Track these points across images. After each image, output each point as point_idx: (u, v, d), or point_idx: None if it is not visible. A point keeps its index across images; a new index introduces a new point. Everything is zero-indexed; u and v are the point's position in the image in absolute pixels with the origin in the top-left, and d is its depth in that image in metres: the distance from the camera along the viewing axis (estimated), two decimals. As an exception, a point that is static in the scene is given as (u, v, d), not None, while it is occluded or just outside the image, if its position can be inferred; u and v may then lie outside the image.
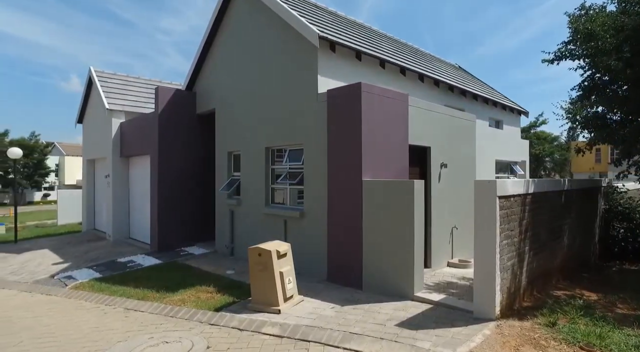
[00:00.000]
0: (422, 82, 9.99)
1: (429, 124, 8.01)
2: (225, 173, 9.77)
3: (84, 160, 15.70)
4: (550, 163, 32.25)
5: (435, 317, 4.98)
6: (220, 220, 9.92)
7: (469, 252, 8.71)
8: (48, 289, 7.76)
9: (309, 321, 5.11)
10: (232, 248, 9.43)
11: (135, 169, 12.61)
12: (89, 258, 10.27)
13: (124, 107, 12.72)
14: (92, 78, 13.47)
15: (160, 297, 6.52)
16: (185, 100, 10.77)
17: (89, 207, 15.38)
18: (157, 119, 10.29)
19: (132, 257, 9.84)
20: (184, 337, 4.89)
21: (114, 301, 6.64)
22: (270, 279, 5.52)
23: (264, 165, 8.56)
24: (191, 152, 10.88)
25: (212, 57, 10.41)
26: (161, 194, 10.31)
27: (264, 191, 8.54)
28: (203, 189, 11.06)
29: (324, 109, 7.15)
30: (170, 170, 10.46)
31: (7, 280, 8.72)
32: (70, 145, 55.59)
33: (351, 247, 6.59)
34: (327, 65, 7.56)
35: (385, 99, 6.94)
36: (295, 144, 7.88)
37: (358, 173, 6.51)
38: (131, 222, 12.81)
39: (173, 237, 10.43)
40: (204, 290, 6.75)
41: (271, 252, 5.53)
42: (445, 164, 8.40)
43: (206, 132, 11.09)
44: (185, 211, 10.71)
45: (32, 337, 5.27)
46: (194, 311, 5.78)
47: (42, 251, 11.75)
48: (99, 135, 13.75)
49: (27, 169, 38.32)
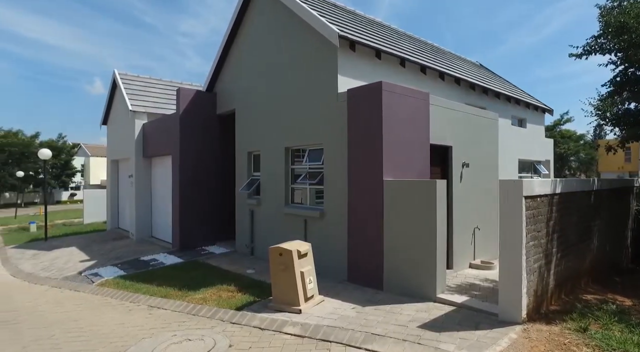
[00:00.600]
0: (443, 80, 9.83)
1: (450, 123, 7.88)
2: (245, 173, 9.86)
3: (108, 161, 16.13)
4: (576, 162, 31.24)
5: (458, 320, 4.88)
6: (240, 220, 10.02)
7: (491, 253, 8.52)
8: (76, 286, 8.00)
9: (330, 321, 5.09)
10: (252, 248, 9.50)
11: (157, 169, 12.86)
12: (114, 256, 10.54)
13: (146, 109, 13.00)
14: (116, 80, 13.82)
15: (183, 296, 6.62)
16: (205, 101, 10.92)
17: (113, 206, 15.79)
18: (178, 120, 10.47)
19: (155, 256, 10.04)
20: (206, 335, 4.95)
21: (138, 298, 6.79)
22: (291, 278, 5.53)
23: (283, 166, 8.58)
24: (212, 152, 11.03)
25: (231, 59, 10.52)
26: (182, 193, 10.48)
27: (283, 191, 8.57)
28: (223, 189, 11.19)
29: (344, 109, 7.12)
30: (191, 170, 10.62)
31: (39, 276, 9.04)
32: (95, 147, 57.23)
33: (372, 247, 6.54)
34: (347, 65, 7.52)
35: (406, 97, 6.85)
36: (315, 143, 7.88)
37: (379, 173, 6.45)
38: (153, 221, 13.08)
39: (194, 237, 10.59)
40: (225, 289, 6.82)
41: (292, 252, 5.54)
42: (467, 164, 8.24)
43: (226, 132, 11.21)
44: (205, 210, 10.86)
45: (64, 332, 5.44)
46: (215, 309, 5.84)
47: (70, 249, 12.13)
48: (122, 136, 14.10)
49: (55, 170, 39.65)
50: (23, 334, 5.50)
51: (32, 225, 17.49)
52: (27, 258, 11.33)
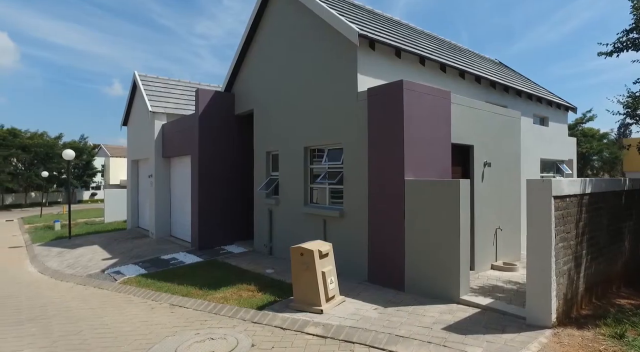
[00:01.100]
0: (463, 78, 9.67)
1: (471, 122, 7.73)
2: (264, 173, 9.89)
3: (129, 161, 16.44)
4: (599, 162, 30.33)
5: (484, 322, 4.77)
6: (258, 219, 10.06)
7: (513, 254, 8.34)
8: (100, 283, 8.16)
9: (352, 322, 5.04)
10: (271, 247, 9.53)
11: (176, 169, 13.04)
12: (135, 255, 10.72)
13: (165, 109, 13.20)
14: (137, 82, 14.07)
15: (204, 295, 6.68)
16: (224, 102, 11.01)
17: (133, 206, 16.09)
18: (197, 120, 10.58)
19: (174, 255, 10.17)
20: (228, 334, 4.97)
21: (160, 296, 6.88)
22: (313, 278, 5.51)
23: (302, 165, 8.58)
24: (230, 152, 11.12)
25: (250, 59, 10.58)
26: (201, 193, 10.59)
27: (302, 191, 8.56)
28: (241, 188, 11.27)
29: (364, 108, 7.06)
30: (210, 170, 10.73)
31: (65, 273, 9.26)
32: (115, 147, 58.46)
33: (393, 247, 6.46)
34: (366, 64, 7.46)
35: (427, 96, 6.76)
36: (335, 143, 7.85)
37: (400, 173, 6.37)
38: (172, 221, 13.27)
39: (213, 236, 10.69)
40: (245, 288, 6.85)
41: (313, 252, 5.52)
42: (489, 163, 8.07)
43: (244, 132, 11.29)
44: (224, 210, 10.95)
45: (90, 328, 5.55)
46: (236, 308, 5.87)
47: (93, 247, 12.40)
48: (142, 136, 14.35)
49: (77, 170, 40.70)
50: (52, 329, 5.64)
51: (57, 224, 17.97)
52: (53, 256, 11.63)
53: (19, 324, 5.96)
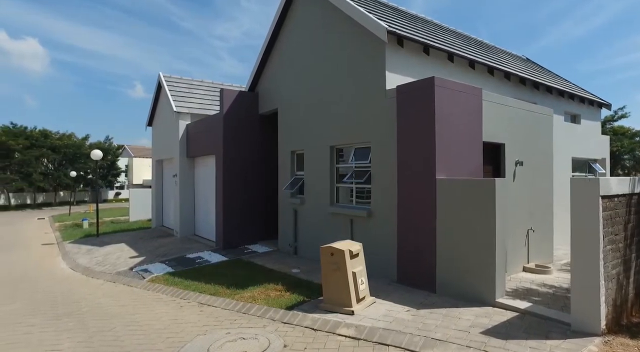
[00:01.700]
0: (492, 75, 9.40)
1: (503, 119, 7.50)
2: (289, 172, 9.86)
3: (153, 161, 16.73)
4: (630, 161, 29.12)
5: (524, 327, 4.58)
6: (283, 219, 10.04)
7: (545, 256, 8.05)
8: (128, 280, 8.29)
9: (384, 323, 4.93)
10: (295, 247, 9.49)
11: (200, 169, 13.17)
12: (160, 253, 10.86)
13: (190, 109, 13.35)
14: (161, 82, 14.29)
15: (231, 294, 6.67)
16: (248, 101, 11.04)
17: (158, 205, 16.35)
18: (222, 120, 10.65)
19: (200, 254, 10.25)
20: (259, 334, 4.93)
21: (188, 295, 6.92)
22: (343, 279, 5.42)
23: (328, 164, 8.50)
24: (254, 151, 11.15)
25: (274, 58, 10.57)
26: (226, 193, 10.65)
27: (328, 190, 8.49)
28: (265, 188, 11.28)
29: (393, 106, 6.93)
30: (234, 170, 10.78)
31: (95, 270, 9.46)
32: (137, 148, 59.83)
33: (423, 248, 6.31)
34: (394, 61, 7.33)
35: (458, 93, 6.57)
36: (362, 142, 7.73)
37: (431, 172, 6.22)
38: (196, 220, 13.41)
39: (237, 235, 10.74)
40: (273, 288, 6.81)
41: (344, 251, 5.43)
42: (521, 162, 7.81)
43: (268, 131, 11.30)
44: (248, 209, 10.98)
45: (123, 325, 5.62)
46: (265, 308, 5.83)
47: (120, 245, 12.65)
48: (166, 136, 14.56)
49: (102, 170, 41.80)
50: (87, 324, 5.74)
51: (85, 222, 18.45)
52: (82, 253, 11.92)
53: (57, 319, 6.11)
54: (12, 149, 33.83)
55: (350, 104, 7.92)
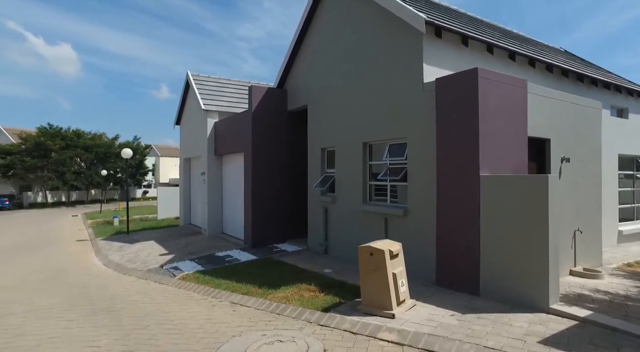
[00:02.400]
0: (534, 67, 8.91)
1: (548, 113, 7.05)
2: (319, 170, 9.66)
3: (181, 159, 16.89)
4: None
5: (588, 338, 4.19)
6: (312, 217, 9.85)
7: (594, 259, 7.53)
8: (160, 278, 8.29)
9: (429, 328, 4.64)
10: (326, 246, 9.27)
11: (228, 167, 13.16)
12: (190, 251, 10.88)
13: (218, 108, 13.36)
14: (189, 81, 14.37)
15: (264, 293, 6.52)
16: (276, 98, 10.91)
17: (186, 203, 16.50)
18: (250, 117, 10.55)
19: (229, 252, 10.20)
20: (297, 337, 4.74)
21: (220, 294, 6.81)
22: (383, 280, 5.16)
23: (361, 161, 8.24)
24: (283, 149, 11.01)
25: (303, 54, 10.39)
26: (254, 191, 10.55)
27: (361, 188, 8.23)
28: (294, 186, 11.13)
29: (431, 100, 6.61)
30: (262, 168, 10.67)
31: (127, 267, 9.55)
32: (164, 147, 61.21)
33: (466, 249, 5.96)
34: (432, 53, 7.00)
35: (502, 85, 6.19)
36: (397, 138, 7.44)
37: (474, 168, 5.86)
38: (224, 218, 13.41)
39: (265, 234, 10.62)
40: (306, 288, 6.62)
41: (384, 251, 5.17)
42: (568, 159, 7.33)
43: (297, 129, 11.14)
44: (276, 207, 10.86)
45: (157, 323, 5.56)
46: (300, 309, 5.64)
47: (149, 243, 12.79)
48: (194, 135, 14.64)
49: (130, 169, 42.92)
50: (122, 321, 5.71)
51: (115, 219, 18.88)
52: (114, 250, 12.12)
53: (93, 314, 6.14)
54: (49, 149, 35.21)
55: (385, 99, 7.63)
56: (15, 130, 40.11)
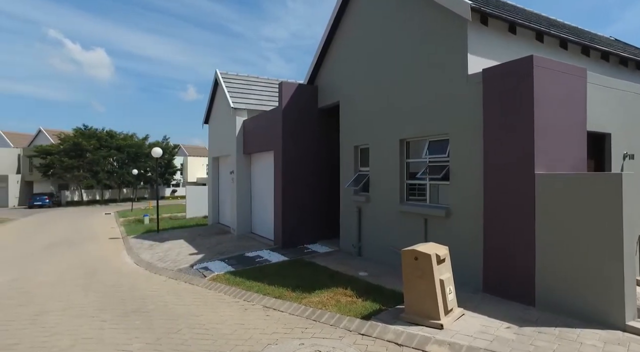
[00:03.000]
0: (588, 56, 8.18)
1: (609, 105, 6.41)
2: (352, 168, 9.27)
3: (210, 158, 16.90)
4: None
5: (679, 361, 3.63)
6: (345, 218, 9.47)
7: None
8: (190, 278, 8.14)
9: (484, 343, 4.18)
10: (359, 248, 8.88)
11: (256, 166, 12.98)
12: (219, 251, 10.74)
13: (247, 105, 13.20)
14: (218, 79, 14.30)
15: (298, 297, 6.21)
16: (307, 95, 10.60)
17: (214, 202, 16.48)
18: (281, 114, 10.29)
19: (259, 252, 9.97)
20: (337, 347, 4.39)
21: (252, 296, 6.55)
22: (429, 287, 4.73)
23: (397, 159, 7.80)
24: (313, 147, 10.68)
25: (335, 48, 10.02)
26: (285, 190, 10.28)
27: (398, 187, 7.79)
28: (325, 185, 10.79)
29: (477, 92, 6.10)
30: (293, 166, 10.38)
31: (157, 266, 9.49)
32: (192, 147, 62.46)
33: (518, 254, 5.43)
34: (477, 42, 6.47)
35: (559, 74, 5.61)
36: (438, 134, 6.95)
37: (529, 166, 5.33)
38: (253, 218, 13.24)
39: (296, 234, 10.34)
40: (342, 293, 6.26)
41: (430, 256, 4.74)
42: (631, 155, 6.65)
43: (328, 126, 10.80)
44: (307, 207, 10.55)
45: (188, 327, 5.34)
46: (338, 316, 5.29)
47: (179, 242, 12.78)
48: (223, 133, 14.57)
49: (160, 168, 43.88)
50: (153, 324, 5.54)
51: (146, 218, 19.16)
52: (145, 248, 12.16)
53: (125, 316, 6.01)
54: (84, 149, 36.48)
55: (425, 93, 7.16)
56: (54, 131, 41.86)
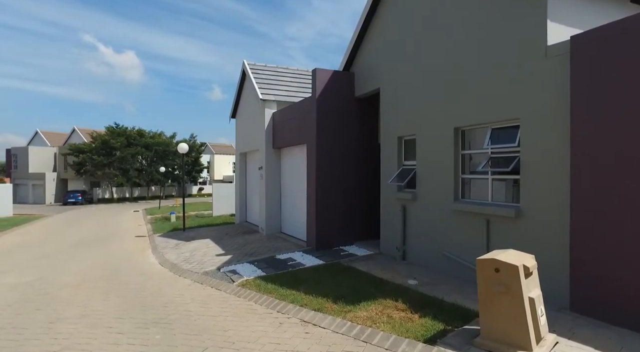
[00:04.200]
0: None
1: None
2: (395, 162, 8.28)
3: (237, 154, 16.26)
4: None
5: None
6: (386, 217, 8.49)
7: None
8: (217, 283, 7.40)
9: (601, 387, 3.13)
10: (404, 251, 7.89)
11: (286, 161, 12.17)
12: (248, 252, 10.01)
13: (276, 97, 12.41)
14: (246, 70, 13.58)
15: (340, 311, 5.31)
16: (343, 83, 9.66)
17: (242, 200, 15.83)
18: (315, 104, 9.40)
19: (291, 255, 9.15)
20: (401, 382, 3.44)
21: (287, 307, 5.70)
22: (516, 307, 3.71)
23: (452, 151, 6.76)
24: (350, 139, 9.74)
25: (375, 28, 9.03)
26: (319, 186, 9.40)
27: (452, 183, 6.75)
28: (363, 181, 9.84)
29: (561, 66, 4.99)
30: (328, 161, 9.48)
31: (182, 268, 8.83)
32: (218, 145, 62.79)
33: (625, 266, 4.31)
34: (557, 7, 5.34)
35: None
36: (506, 119, 5.86)
37: (639, 153, 4.20)
38: (282, 217, 12.45)
39: (330, 235, 9.44)
40: (393, 306, 5.32)
41: (517, 268, 3.72)
42: None
43: (367, 116, 9.85)
44: (342, 205, 9.63)
45: (216, 346, 4.55)
46: (394, 338, 4.35)
47: (205, 241, 12.16)
48: (251, 127, 13.85)
49: (187, 166, 44.11)
50: (175, 340, 4.78)
51: (173, 215, 18.82)
52: (170, 247, 11.60)
53: (145, 327, 5.31)
54: (113, 148, 37.02)
55: (489, 71, 6.08)
56: (88, 130, 42.82)
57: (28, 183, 40.25)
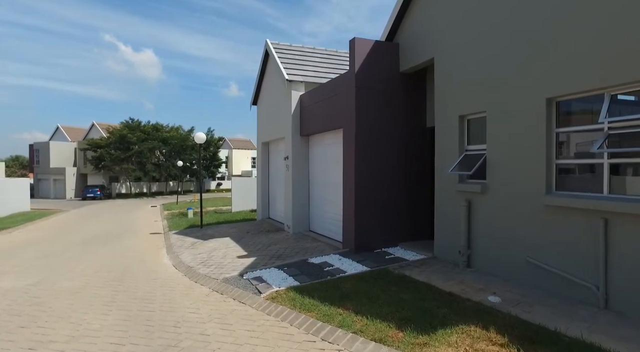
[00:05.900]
0: None
1: None
2: (455, 147, 6.73)
3: (258, 144, 14.96)
4: None
5: None
6: (445, 214, 6.97)
7: None
8: (240, 293, 6.06)
9: None
10: (469, 256, 6.37)
11: (316, 149, 10.76)
12: (273, 254, 8.67)
13: (304, 78, 10.99)
14: (269, 50, 12.17)
15: (412, 343, 3.87)
16: (386, 55, 8.13)
17: (264, 194, 14.52)
18: (353, 80, 7.91)
19: (325, 258, 7.74)
20: None
21: (334, 334, 4.30)
22: None
23: (543, 129, 5.17)
24: (394, 122, 8.21)
25: (427, -12, 7.47)
26: (358, 177, 7.93)
27: (543, 170, 5.18)
28: (410, 171, 8.33)
29: None
30: (368, 148, 8.01)
31: (199, 272, 7.55)
32: (236, 140, 61.95)
33: None
34: None
35: None
36: (632, 82, 4.26)
37: None
38: (311, 213, 11.06)
39: (372, 234, 7.98)
40: (484, 337, 3.85)
41: None
42: None
43: (412, 95, 8.33)
44: (387, 200, 8.15)
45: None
46: (511, 397, 2.87)
47: (225, 240, 10.91)
48: (275, 113, 12.49)
49: (205, 161, 43.27)
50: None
51: (190, 211, 17.78)
52: (186, 247, 10.39)
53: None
54: (130, 142, 36.46)
55: (587, 25, 4.47)
56: (106, 125, 42.50)
57: (50, 178, 40.21)
